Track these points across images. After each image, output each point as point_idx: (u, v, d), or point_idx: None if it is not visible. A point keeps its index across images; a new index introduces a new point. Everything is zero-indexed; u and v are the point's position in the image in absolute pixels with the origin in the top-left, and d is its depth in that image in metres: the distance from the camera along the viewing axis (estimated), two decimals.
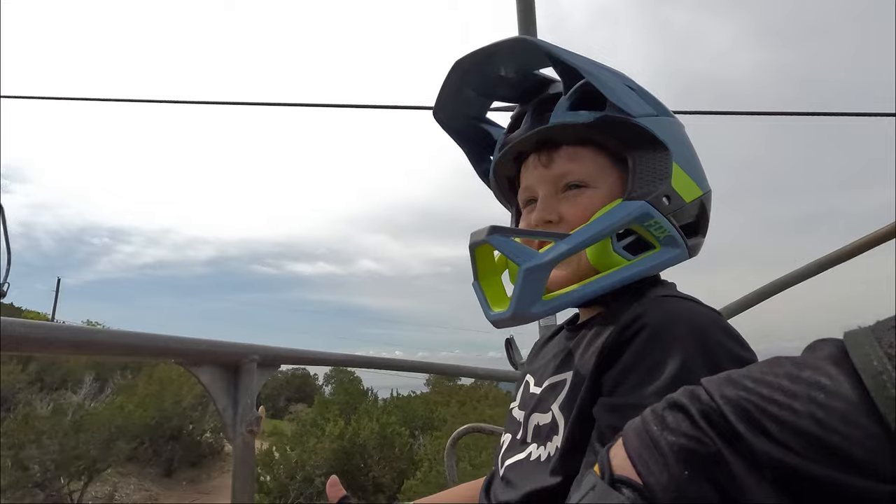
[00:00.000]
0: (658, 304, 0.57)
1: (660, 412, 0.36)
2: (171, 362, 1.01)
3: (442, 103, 0.75)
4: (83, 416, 10.87)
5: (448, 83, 0.72)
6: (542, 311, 0.58)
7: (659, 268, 0.64)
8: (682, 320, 0.53)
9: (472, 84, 0.73)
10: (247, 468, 1.03)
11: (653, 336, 0.52)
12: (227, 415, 1.02)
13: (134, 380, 14.19)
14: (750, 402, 0.31)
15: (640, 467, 0.34)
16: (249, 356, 1.06)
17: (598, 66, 0.65)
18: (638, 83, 0.67)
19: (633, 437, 0.36)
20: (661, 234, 0.63)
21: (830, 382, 0.29)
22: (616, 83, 0.64)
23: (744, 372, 0.34)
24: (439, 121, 0.78)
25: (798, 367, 0.31)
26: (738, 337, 0.54)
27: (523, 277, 0.57)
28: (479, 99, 0.76)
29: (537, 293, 0.58)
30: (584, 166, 0.66)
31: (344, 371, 33.11)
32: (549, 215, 0.67)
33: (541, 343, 0.83)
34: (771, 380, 0.31)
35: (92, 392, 13.00)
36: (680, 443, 0.33)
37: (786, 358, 0.33)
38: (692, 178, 0.65)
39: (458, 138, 0.80)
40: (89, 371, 13.64)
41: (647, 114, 0.63)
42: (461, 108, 0.77)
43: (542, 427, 0.63)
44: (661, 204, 0.62)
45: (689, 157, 0.66)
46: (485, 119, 0.80)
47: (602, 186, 0.66)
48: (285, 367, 20.58)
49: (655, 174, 0.62)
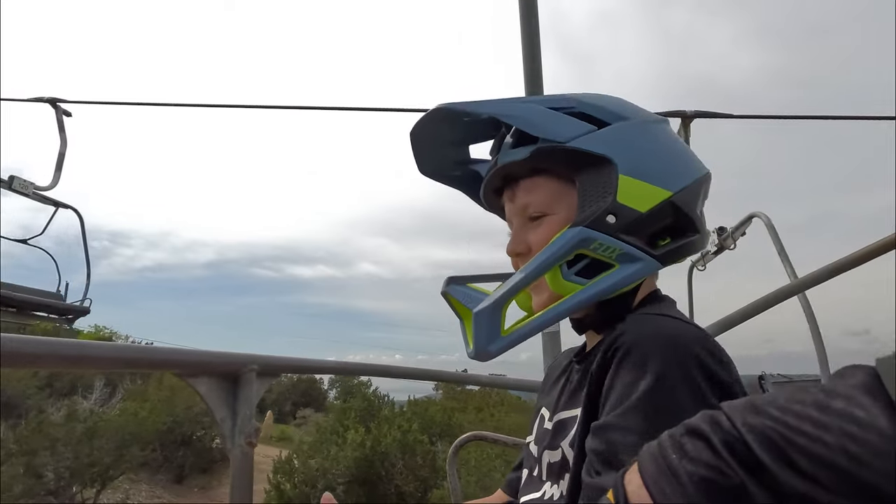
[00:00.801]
0: (635, 322, 0.57)
1: (678, 438, 0.34)
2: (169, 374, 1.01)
3: (420, 162, 0.78)
4: (97, 423, 10.87)
5: (414, 148, 0.76)
6: (501, 348, 0.61)
7: (619, 285, 0.62)
8: (657, 336, 0.54)
9: (437, 143, 0.76)
10: (245, 480, 1.02)
11: (627, 354, 0.53)
12: (226, 426, 1.02)
13: (143, 385, 14.24)
14: (776, 432, 0.30)
15: (658, 496, 0.33)
16: (248, 366, 1.06)
17: (515, 103, 0.65)
18: (585, 95, 0.68)
19: (650, 464, 0.35)
20: (611, 253, 0.61)
21: (864, 414, 0.28)
22: (537, 114, 0.64)
23: (769, 398, 0.33)
24: (426, 175, 0.81)
25: (828, 395, 0.30)
26: (721, 357, 0.54)
27: (474, 321, 0.61)
28: (454, 147, 0.78)
29: (494, 331, 0.61)
30: (540, 195, 0.68)
31: (350, 377, 33.07)
32: (518, 247, 0.69)
33: (555, 373, 0.83)
34: (798, 409, 0.30)
35: (103, 397, 13.09)
36: (700, 473, 0.31)
37: (813, 386, 0.32)
38: (651, 182, 0.62)
39: (451, 184, 0.82)
40: (99, 376, 13.75)
41: (580, 133, 0.63)
42: (440, 162, 0.79)
43: (554, 465, 0.64)
44: (605, 224, 0.60)
45: (648, 160, 0.64)
46: (470, 161, 0.81)
47: (561, 212, 0.67)
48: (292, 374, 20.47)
49: (599, 193, 0.62)
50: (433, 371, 1.46)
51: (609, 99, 0.68)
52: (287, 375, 26.45)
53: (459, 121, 0.70)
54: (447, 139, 0.76)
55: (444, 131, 0.74)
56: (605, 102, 0.66)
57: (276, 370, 1.13)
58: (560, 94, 0.68)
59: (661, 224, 0.64)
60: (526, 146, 0.65)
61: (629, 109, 0.67)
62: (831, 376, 0.32)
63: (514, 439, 1.21)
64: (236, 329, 72.77)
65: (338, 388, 32.31)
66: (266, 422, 17.70)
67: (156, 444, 12.06)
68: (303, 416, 25.24)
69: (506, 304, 0.61)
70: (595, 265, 0.63)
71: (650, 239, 0.64)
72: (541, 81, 1.69)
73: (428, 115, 0.69)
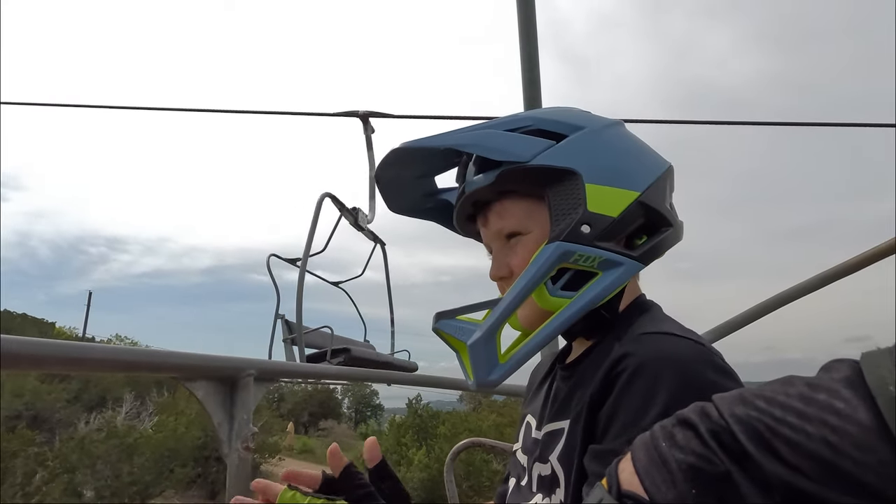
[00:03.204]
0: (639, 343, 0.56)
1: (669, 428, 0.36)
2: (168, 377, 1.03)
3: (390, 203, 0.80)
4: (136, 440, 10.82)
5: (382, 191, 0.78)
6: (501, 375, 0.61)
7: (607, 292, 0.63)
8: (665, 358, 0.53)
9: (402, 182, 0.77)
10: (242, 484, 1.03)
11: (634, 378, 0.52)
12: (223, 430, 1.03)
13: (172, 397, 14.22)
14: (761, 423, 0.31)
15: (648, 483, 0.34)
16: (246, 371, 1.07)
17: (472, 131, 0.66)
18: (541, 111, 0.69)
19: (642, 453, 0.36)
20: (592, 262, 0.62)
21: (844, 406, 0.29)
22: (495, 139, 0.65)
23: (756, 391, 0.34)
24: (398, 213, 0.82)
25: (812, 388, 0.31)
26: (727, 370, 0.54)
27: (470, 353, 0.61)
28: (420, 181, 0.79)
29: (491, 360, 0.61)
30: (512, 217, 0.68)
31: (360, 385, 32.89)
32: (500, 271, 0.70)
33: (538, 378, 0.83)
34: (783, 400, 0.31)
35: (134, 410, 13.23)
36: (688, 461, 0.33)
37: (799, 378, 0.33)
38: (618, 186, 0.63)
39: (425, 217, 0.83)
40: (128, 388, 13.94)
41: (541, 150, 0.63)
42: (410, 199, 0.80)
43: (545, 478, 0.64)
44: (580, 235, 0.61)
45: (610, 165, 0.65)
46: (438, 191, 0.82)
47: (535, 229, 0.67)
48: (305, 382, 20.30)
49: (569, 205, 0.62)
50: (429, 377, 1.46)
51: (563, 111, 0.70)
52: (303, 387, 26.47)
53: (420, 156, 0.72)
54: (412, 175, 0.77)
55: (407, 169, 0.75)
56: (559, 116, 0.67)
57: (274, 375, 1.14)
58: (514, 114, 0.70)
59: (635, 224, 0.64)
60: (490, 171, 0.66)
61: (584, 118, 0.68)
62: (819, 370, 0.33)
63: (511, 446, 1.20)
64: (234, 335, 73.45)
65: (350, 396, 32.19)
66: (288, 433, 17.74)
67: (188, 459, 11.90)
68: (324, 427, 25.26)
69: (498, 332, 0.62)
70: (578, 276, 0.64)
71: (627, 241, 0.65)
72: (539, 86, 1.70)
73: (388, 157, 0.70)
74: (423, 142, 0.67)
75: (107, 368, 0.93)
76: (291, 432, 19.84)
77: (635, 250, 0.64)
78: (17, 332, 0.83)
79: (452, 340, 0.71)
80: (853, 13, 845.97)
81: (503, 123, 0.67)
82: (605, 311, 0.66)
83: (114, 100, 30.09)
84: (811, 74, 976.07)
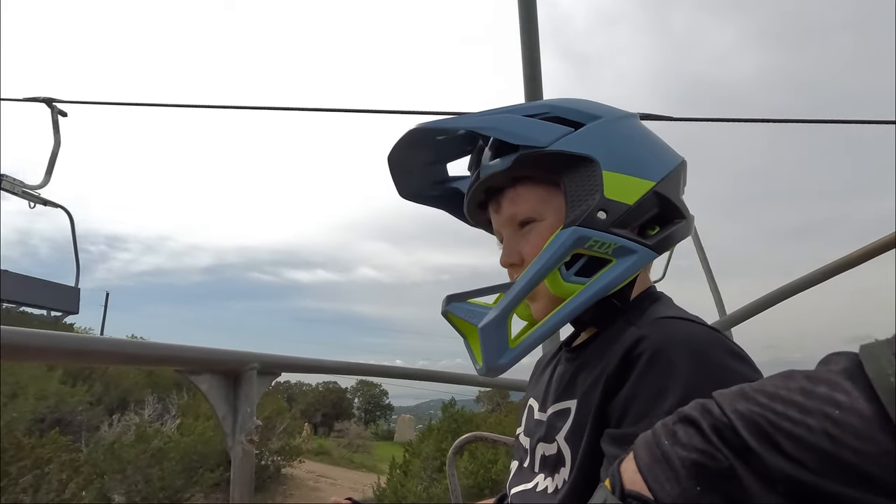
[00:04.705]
0: (656, 326, 0.57)
1: (671, 426, 0.36)
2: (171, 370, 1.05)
3: (400, 186, 0.79)
4: (166, 444, 10.81)
5: (393, 173, 0.77)
6: (511, 360, 0.61)
7: (620, 279, 0.63)
8: (682, 343, 0.53)
9: (415, 165, 0.77)
10: (246, 477, 1.04)
11: (653, 362, 0.53)
12: (227, 423, 1.04)
13: (192, 399, 14.07)
14: (763, 418, 0.31)
15: (651, 482, 0.34)
16: (249, 364, 1.08)
17: (491, 115, 0.66)
18: (558, 100, 0.68)
19: (644, 452, 0.36)
20: (607, 249, 0.62)
21: (845, 398, 0.29)
22: (512, 123, 0.65)
23: (756, 386, 0.34)
24: (406, 198, 0.82)
25: (812, 381, 0.31)
26: (742, 355, 0.54)
27: (481, 336, 0.61)
28: (432, 167, 0.79)
29: (502, 344, 0.61)
30: (526, 203, 0.68)
31: (368, 384, 32.74)
32: (511, 258, 0.70)
33: (542, 364, 0.83)
34: (784, 395, 0.31)
35: (156, 413, 13.24)
36: (691, 458, 0.33)
37: (800, 372, 0.33)
38: (634, 175, 0.64)
39: (431, 204, 0.83)
40: (149, 391, 14.03)
41: (559, 136, 0.64)
42: (419, 184, 0.80)
43: (549, 458, 0.64)
44: (596, 221, 0.61)
45: (628, 154, 0.65)
46: (448, 179, 0.82)
47: (549, 216, 0.67)
48: (316, 383, 20.37)
49: (586, 191, 0.62)
50: (432, 371, 1.46)
51: (580, 101, 0.70)
52: (311, 385, 26.31)
53: (435, 140, 0.72)
54: (424, 160, 0.77)
55: (420, 153, 0.75)
56: (576, 105, 0.67)
57: (277, 368, 1.15)
58: (530, 102, 0.71)
59: (649, 214, 0.65)
60: (507, 156, 0.65)
61: (600, 108, 0.68)
62: (818, 363, 0.33)
63: (513, 440, 1.19)
64: (235, 334, 74.32)
65: (359, 396, 32.21)
66: (304, 435, 17.84)
67: (217, 464, 11.85)
68: (340, 428, 25.31)
69: (510, 315, 0.62)
70: (592, 263, 0.64)
71: (640, 230, 0.65)
72: (540, 83, 1.69)
73: (404, 138, 0.70)
74: (441, 123, 0.67)
75: (111, 361, 0.95)
76: (308, 433, 19.93)
77: (648, 239, 0.64)
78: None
79: (461, 324, 0.70)
80: (854, 10, 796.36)
81: (521, 109, 0.67)
82: (617, 299, 0.66)
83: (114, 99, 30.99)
84: (812, 71, 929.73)
